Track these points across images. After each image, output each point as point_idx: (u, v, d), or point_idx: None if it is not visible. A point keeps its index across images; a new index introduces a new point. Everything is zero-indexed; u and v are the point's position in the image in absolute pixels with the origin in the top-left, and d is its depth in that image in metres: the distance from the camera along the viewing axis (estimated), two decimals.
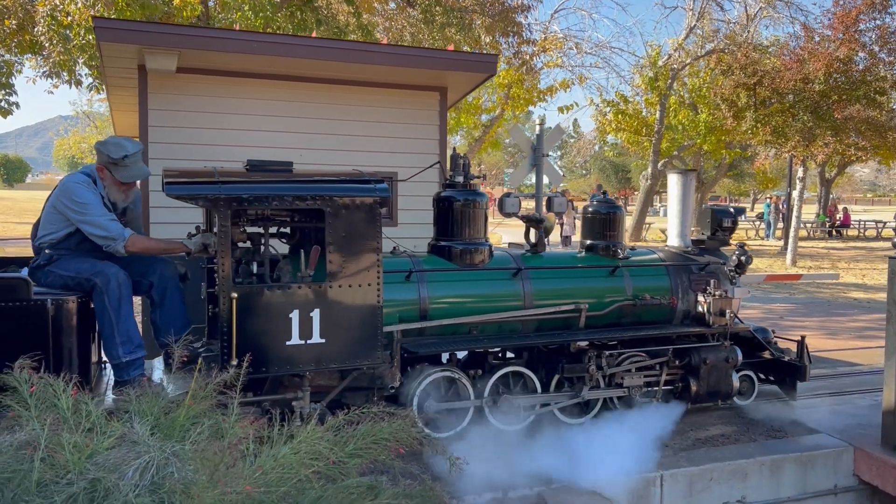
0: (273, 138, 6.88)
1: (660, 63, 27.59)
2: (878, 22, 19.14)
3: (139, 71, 6.41)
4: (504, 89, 22.94)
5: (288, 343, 4.40)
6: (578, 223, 10.74)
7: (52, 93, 14.17)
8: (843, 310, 13.65)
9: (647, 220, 31.55)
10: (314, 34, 10.93)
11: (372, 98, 7.27)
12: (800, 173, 20.97)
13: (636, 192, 40.33)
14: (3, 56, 12.18)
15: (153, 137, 6.55)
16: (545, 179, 9.28)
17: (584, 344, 5.55)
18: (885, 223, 33.78)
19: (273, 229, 5.04)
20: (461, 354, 5.63)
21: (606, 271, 5.96)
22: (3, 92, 12.17)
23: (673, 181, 6.59)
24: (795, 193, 21.28)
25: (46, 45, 9.88)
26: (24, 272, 4.72)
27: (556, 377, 5.58)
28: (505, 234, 25.17)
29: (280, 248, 5.25)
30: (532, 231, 6.38)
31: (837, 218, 34.26)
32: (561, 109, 24.83)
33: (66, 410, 2.78)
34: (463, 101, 23.21)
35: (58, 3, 9.70)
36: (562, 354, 5.60)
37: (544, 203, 6.92)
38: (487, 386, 5.33)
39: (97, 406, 2.98)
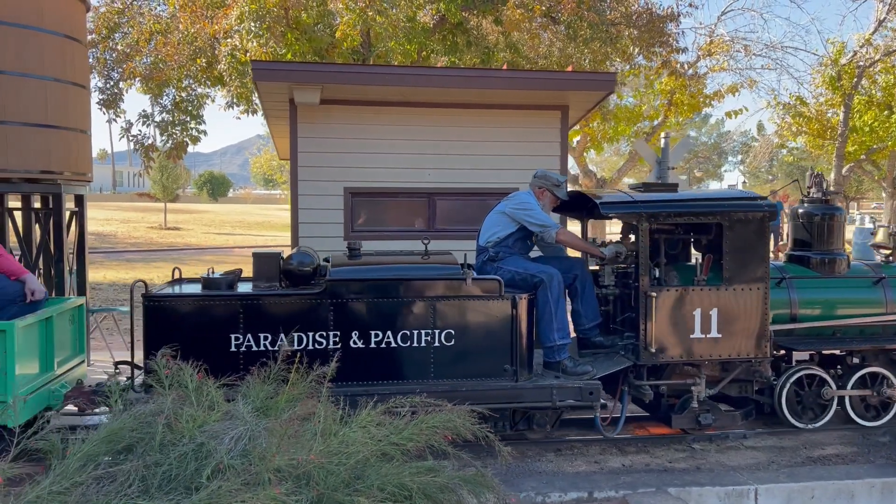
0: (404, 160, 7.56)
1: (843, 61, 25.64)
2: None
3: (290, 104, 7.33)
4: (667, 96, 22.50)
5: (691, 336, 5.44)
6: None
7: (239, 118, 16.03)
8: None
9: None
10: (440, 55, 11.57)
11: (496, 119, 7.74)
12: None
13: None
14: (196, 90, 14.08)
15: (301, 161, 7.46)
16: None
17: None
18: None
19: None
20: (806, 354, 6.28)
21: None
22: (194, 121, 14.09)
23: None
24: None
25: (227, 80, 11.38)
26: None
27: None
28: None
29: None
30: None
31: None
32: (729, 114, 23.83)
33: (190, 391, 3.51)
34: (622, 110, 23.08)
35: (237, 44, 11.14)
36: None
37: None
38: (850, 384, 6.06)
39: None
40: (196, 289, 5.38)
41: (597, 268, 6.05)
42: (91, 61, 14.30)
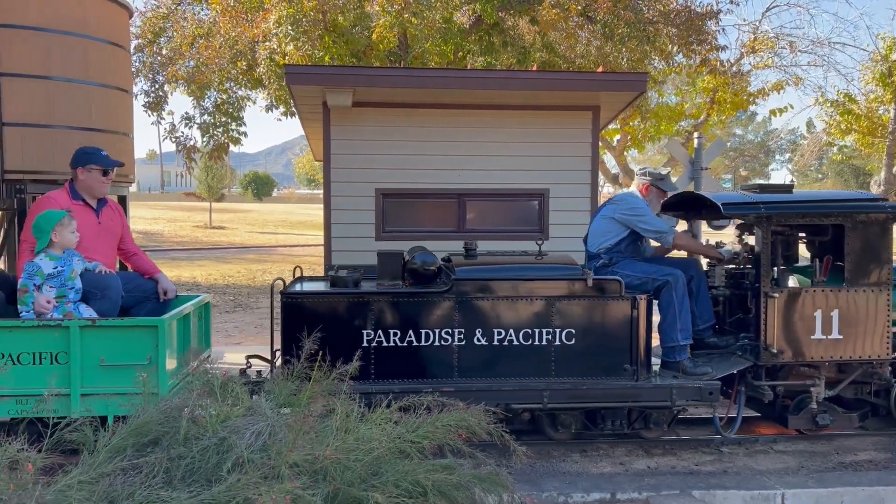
0: (435, 161, 7.63)
1: (893, 56, 24.89)
2: None
3: (323, 106, 7.47)
4: (709, 94, 22.18)
5: (812, 337, 5.49)
6: None
7: (280, 120, 16.36)
8: None
9: None
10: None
11: (526, 120, 7.75)
12: None
13: None
14: (236, 93, 14.40)
15: (334, 163, 7.58)
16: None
17: None
18: None
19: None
20: None
21: None
22: (235, 123, 14.42)
23: None
24: None
25: (266, 82, 11.63)
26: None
27: None
28: None
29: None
30: None
31: None
32: (774, 112, 23.40)
33: (216, 387, 3.64)
34: (664, 108, 22.80)
35: (275, 47, 11.36)
36: None
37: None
38: None
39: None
40: (319, 286, 5.63)
41: (706, 269, 6.09)
42: (137, 65, 14.73)
